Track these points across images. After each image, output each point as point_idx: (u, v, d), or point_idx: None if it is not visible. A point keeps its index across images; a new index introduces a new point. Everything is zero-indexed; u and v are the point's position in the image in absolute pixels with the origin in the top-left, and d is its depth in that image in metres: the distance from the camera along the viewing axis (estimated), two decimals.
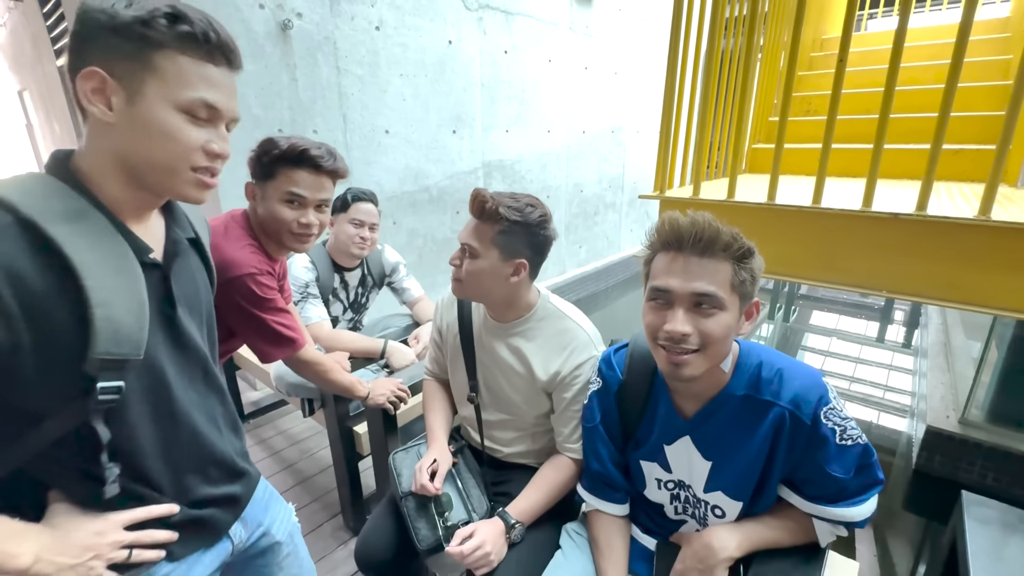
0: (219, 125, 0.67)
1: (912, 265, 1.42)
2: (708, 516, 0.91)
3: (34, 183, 0.62)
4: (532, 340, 1.11)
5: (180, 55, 0.61)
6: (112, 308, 0.61)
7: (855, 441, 0.78)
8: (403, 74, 3.10)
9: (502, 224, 1.01)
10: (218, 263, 1.06)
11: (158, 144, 0.63)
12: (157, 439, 0.71)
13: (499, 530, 1.01)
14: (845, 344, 4.96)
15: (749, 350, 0.86)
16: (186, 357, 0.75)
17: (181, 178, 0.65)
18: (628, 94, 5.15)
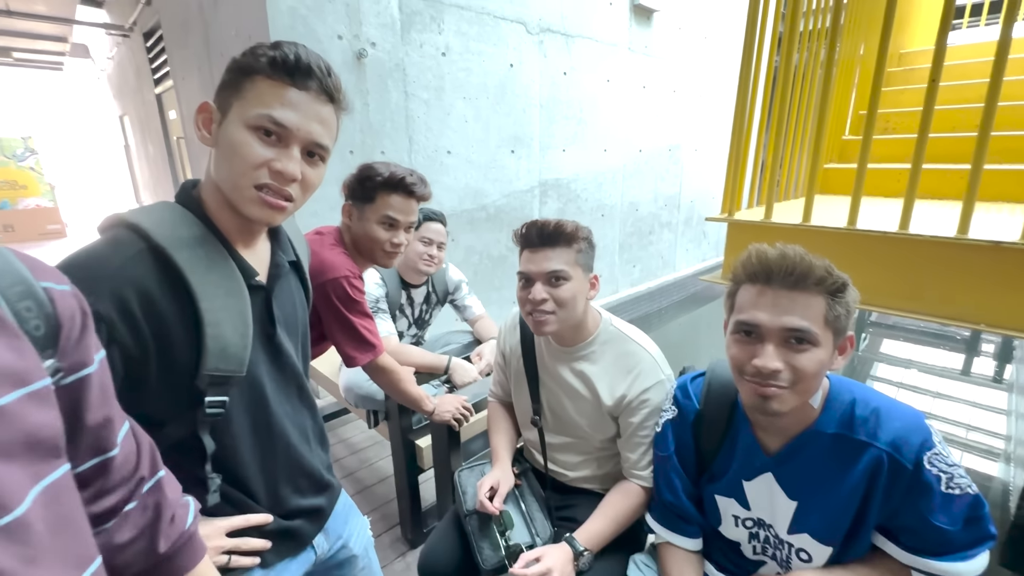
0: (290, 146, 0.67)
1: (1018, 299, 1.30)
2: (792, 559, 0.86)
3: (164, 212, 0.69)
4: (596, 363, 1.11)
5: (265, 79, 0.66)
6: (221, 328, 0.67)
7: (964, 491, 0.72)
8: (466, 97, 3.20)
9: (581, 243, 1.04)
10: (317, 266, 1.15)
11: (226, 159, 0.67)
12: (255, 451, 0.76)
13: (567, 556, 1.00)
14: (923, 376, 4.59)
15: (841, 386, 0.82)
16: (283, 374, 0.80)
17: (244, 195, 0.67)
18: (687, 112, 5.07)
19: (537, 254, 1.05)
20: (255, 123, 0.65)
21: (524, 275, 1.07)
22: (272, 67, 0.66)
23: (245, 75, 0.66)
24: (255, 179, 0.67)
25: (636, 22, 4.25)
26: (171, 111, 4.73)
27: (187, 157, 4.42)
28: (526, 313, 1.08)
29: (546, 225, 1.04)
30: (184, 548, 0.57)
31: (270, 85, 0.66)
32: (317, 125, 0.69)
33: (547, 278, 1.04)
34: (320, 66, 0.68)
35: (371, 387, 1.66)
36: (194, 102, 3.68)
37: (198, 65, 3.42)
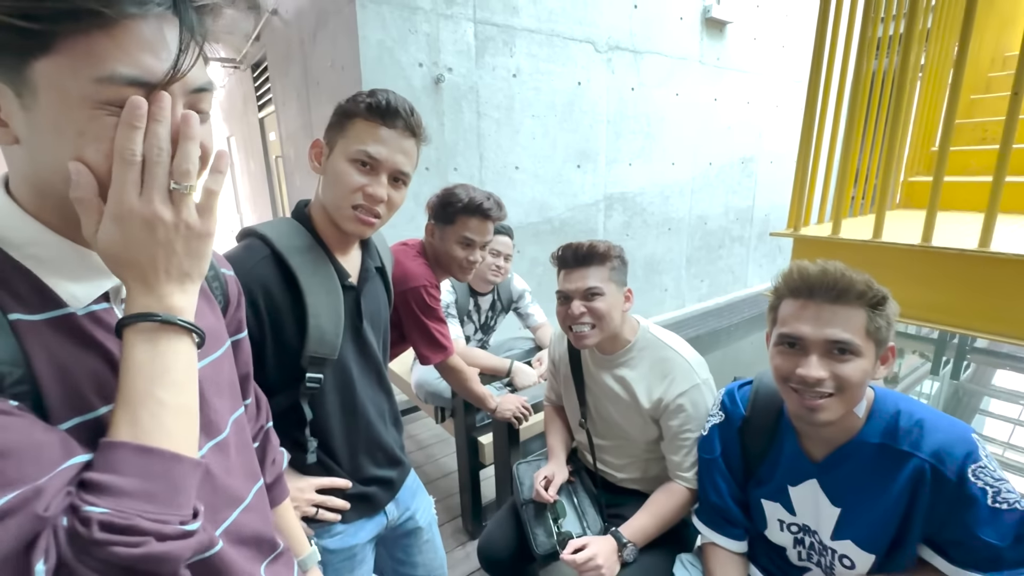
0: (380, 174, 0.82)
1: None
2: (835, 565, 0.88)
3: (283, 225, 0.88)
4: (635, 368, 1.18)
5: (362, 120, 0.83)
6: (321, 319, 0.84)
7: (1012, 505, 0.72)
8: (534, 115, 3.35)
9: (614, 261, 1.14)
10: (400, 274, 1.33)
11: (331, 186, 0.85)
12: (342, 423, 0.92)
13: (611, 547, 1.07)
14: None
15: (885, 397, 0.84)
16: (367, 362, 0.96)
17: (344, 214, 0.84)
18: (761, 123, 4.92)
19: (574, 273, 1.15)
20: (354, 156, 0.82)
21: (563, 293, 1.17)
22: (368, 111, 0.82)
23: (348, 118, 0.84)
24: (352, 201, 0.83)
25: (708, 35, 4.22)
26: (271, 133, 5.28)
27: (283, 175, 4.92)
28: (566, 328, 1.18)
29: (580, 247, 1.15)
30: (279, 483, 0.75)
31: (366, 125, 0.82)
32: (401, 156, 0.84)
33: (584, 294, 1.13)
34: (405, 108, 0.84)
35: (440, 384, 1.81)
36: (292, 125, 4.12)
37: (296, 93, 3.83)
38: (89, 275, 0.44)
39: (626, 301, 1.18)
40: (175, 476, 0.39)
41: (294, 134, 4.12)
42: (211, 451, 0.52)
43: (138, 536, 0.36)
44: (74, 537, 0.35)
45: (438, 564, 1.16)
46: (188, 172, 0.41)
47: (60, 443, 0.39)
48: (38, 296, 0.41)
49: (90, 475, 0.37)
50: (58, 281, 0.42)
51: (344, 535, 0.95)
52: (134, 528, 0.36)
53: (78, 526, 0.35)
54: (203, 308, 0.56)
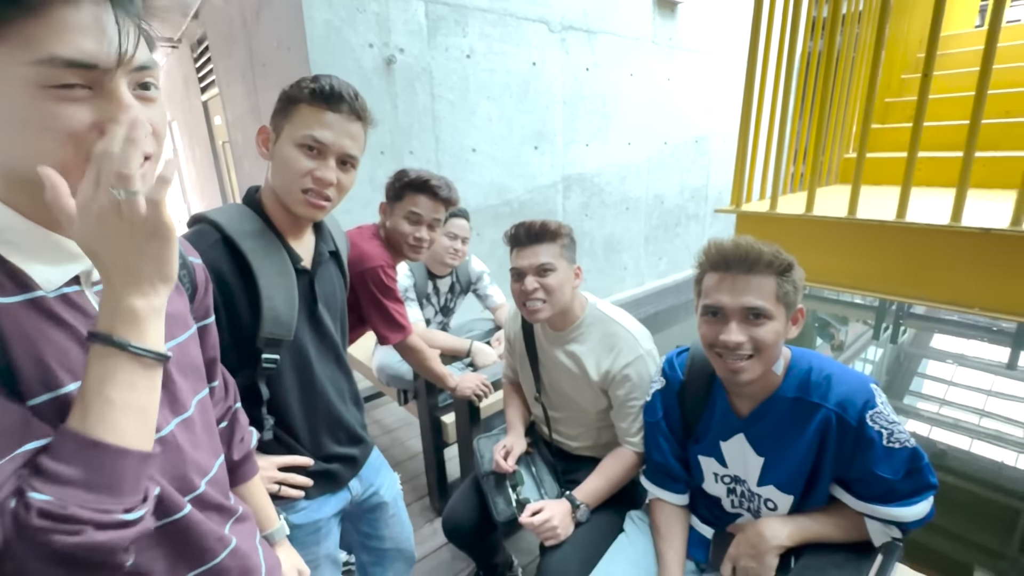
0: (327, 158, 0.84)
1: (1007, 281, 1.36)
2: (761, 509, 0.98)
3: (233, 211, 0.89)
4: (584, 343, 1.25)
5: (307, 106, 0.84)
6: (275, 301, 0.86)
7: (903, 444, 0.83)
8: (490, 96, 3.34)
9: (564, 239, 1.19)
10: (357, 256, 1.34)
11: (280, 171, 0.86)
12: (300, 403, 0.95)
13: (566, 509, 1.14)
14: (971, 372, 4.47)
15: (800, 356, 0.93)
16: (323, 342, 0.98)
17: (294, 198, 0.87)
18: (714, 103, 5.06)
19: (526, 250, 1.19)
20: (300, 141, 0.84)
21: (516, 270, 1.21)
22: (312, 96, 0.84)
23: (292, 103, 0.85)
24: (302, 185, 0.85)
25: (660, 15, 4.28)
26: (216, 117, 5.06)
27: (231, 160, 4.73)
28: (520, 304, 1.22)
29: (532, 225, 1.19)
30: (247, 460, 0.79)
31: (311, 111, 0.84)
32: (348, 140, 0.86)
33: (537, 270, 1.18)
34: (349, 92, 0.85)
35: (401, 367, 1.84)
36: (239, 109, 3.97)
37: (241, 74, 3.68)
38: (60, 259, 0.47)
39: (576, 278, 1.23)
40: (119, 469, 0.41)
41: (241, 118, 3.97)
42: (178, 427, 0.56)
43: (75, 524, 0.38)
44: (17, 521, 0.37)
45: (405, 537, 1.21)
46: (127, 178, 0.40)
47: (20, 427, 0.40)
48: (11, 280, 0.43)
49: (41, 461, 0.39)
50: (31, 265, 0.44)
51: (308, 510, 0.98)
52: (71, 517, 0.37)
53: (20, 511, 0.37)
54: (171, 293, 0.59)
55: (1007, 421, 3.61)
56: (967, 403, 3.91)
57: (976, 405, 3.85)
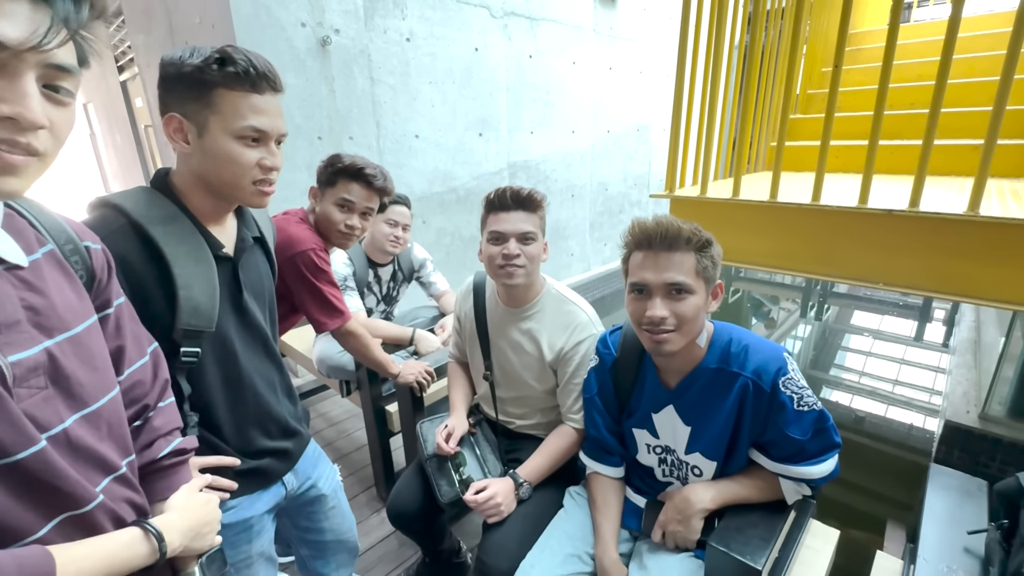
0: (269, 143, 0.81)
1: (906, 259, 1.49)
2: (689, 476, 1.04)
3: (140, 195, 0.82)
4: (540, 322, 1.27)
5: (230, 91, 0.76)
6: (192, 290, 0.81)
7: (811, 407, 0.90)
8: (432, 82, 3.28)
9: (542, 210, 1.20)
10: (285, 241, 1.27)
11: (223, 167, 0.80)
12: (225, 397, 0.90)
13: (509, 487, 1.16)
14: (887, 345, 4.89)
15: (722, 329, 0.98)
16: (250, 333, 0.93)
17: (245, 191, 0.83)
18: (654, 93, 5.20)
19: (512, 215, 1.18)
20: (240, 134, 0.78)
21: (497, 233, 1.17)
22: (232, 80, 0.76)
23: (207, 89, 0.76)
24: (252, 177, 0.81)
25: (601, 4, 4.33)
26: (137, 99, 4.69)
27: (156, 145, 4.41)
28: (497, 267, 1.19)
29: (520, 191, 1.19)
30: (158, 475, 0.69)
31: (238, 96, 0.77)
32: (279, 119, 0.82)
33: (521, 237, 1.18)
34: (269, 69, 0.79)
35: (342, 358, 1.79)
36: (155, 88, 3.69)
37: (162, 52, 3.42)
38: None
39: (543, 252, 1.25)
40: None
41: None
42: (78, 422, 0.53)
43: None
44: None
45: (346, 528, 1.18)
46: None
47: None
48: None
49: None
50: None
51: (239, 508, 0.94)
52: None
53: None
54: (60, 282, 0.55)
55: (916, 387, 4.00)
56: (883, 373, 4.28)
57: (890, 374, 4.23)
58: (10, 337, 0.48)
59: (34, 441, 0.47)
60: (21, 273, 0.51)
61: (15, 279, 0.50)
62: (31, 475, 0.48)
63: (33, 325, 0.50)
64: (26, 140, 0.43)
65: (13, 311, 0.49)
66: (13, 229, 0.53)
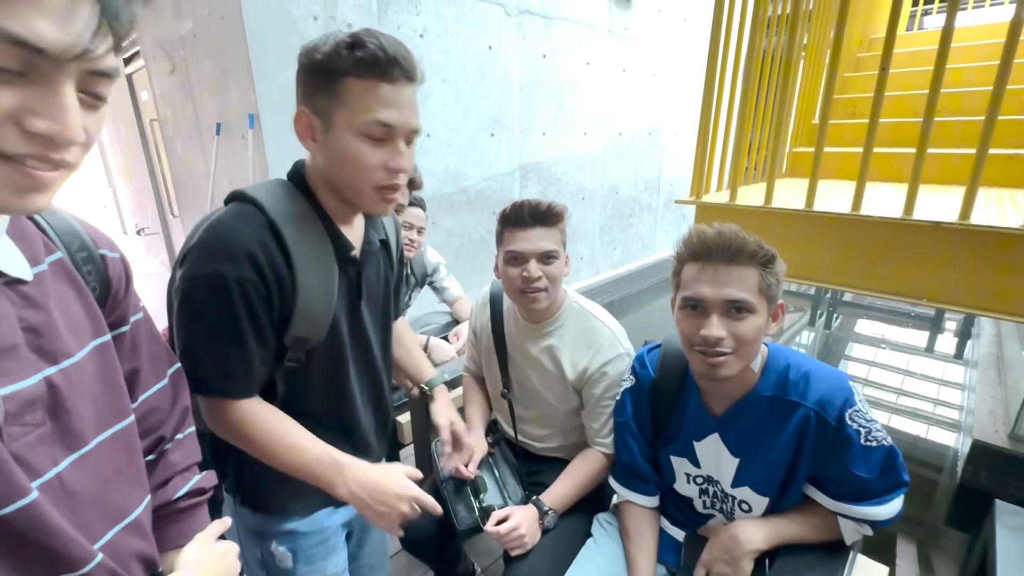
0: (397, 141, 0.71)
1: (954, 274, 1.40)
2: (735, 510, 0.95)
3: (277, 190, 0.75)
4: (562, 339, 1.17)
5: (357, 80, 0.67)
6: (310, 298, 0.75)
7: (880, 443, 0.81)
8: (444, 80, 3.20)
9: (563, 223, 1.10)
10: None
11: (346, 168, 0.72)
12: (321, 403, 0.83)
13: (533, 515, 1.07)
14: (893, 354, 4.81)
15: (777, 353, 0.90)
16: (360, 341, 0.86)
17: (365, 196, 0.73)
18: (666, 96, 5.12)
19: (531, 232, 1.07)
20: (364, 131, 0.69)
21: (517, 254, 1.08)
22: (360, 67, 0.67)
23: (334, 78, 0.68)
24: (375, 181, 0.72)
25: (616, 4, 4.25)
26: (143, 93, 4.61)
27: (161, 140, 4.34)
28: (518, 291, 1.10)
29: (539, 205, 1.08)
30: (171, 518, 0.60)
31: (365, 86, 0.67)
32: (411, 113, 0.72)
33: (542, 256, 1.08)
34: (402, 54, 0.69)
35: None
36: (167, 84, 3.61)
37: (169, 45, 3.35)
38: None
39: (566, 267, 1.15)
40: None
41: (170, 94, 3.62)
42: (77, 463, 0.44)
43: None
44: None
45: (381, 552, 1.11)
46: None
47: None
48: None
49: None
50: None
51: (316, 516, 0.88)
52: None
53: None
54: (67, 297, 0.46)
55: (924, 399, 3.90)
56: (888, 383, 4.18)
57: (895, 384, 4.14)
58: (5, 366, 0.39)
59: (23, 493, 0.38)
60: (23, 288, 0.42)
61: (15, 295, 0.42)
62: (16, 534, 0.39)
63: (33, 350, 0.42)
64: (59, 156, 0.37)
65: (10, 334, 0.40)
66: (20, 235, 0.44)
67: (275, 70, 2.44)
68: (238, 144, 2.67)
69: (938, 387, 4.14)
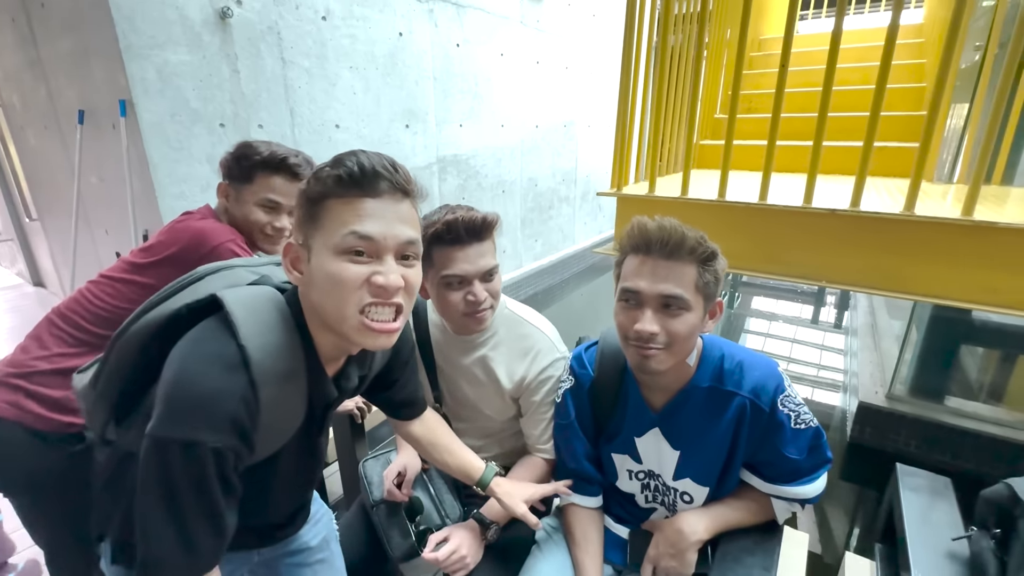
0: (383, 256, 0.62)
1: (848, 257, 1.53)
2: (677, 502, 0.96)
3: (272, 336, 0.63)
4: (495, 349, 1.10)
5: (336, 200, 0.61)
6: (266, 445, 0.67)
7: (807, 425, 0.85)
8: (353, 67, 3.00)
9: (494, 234, 1.01)
10: (195, 236, 1.08)
11: (326, 292, 0.62)
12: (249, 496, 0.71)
13: (474, 532, 1.01)
14: (783, 326, 5.31)
15: (712, 344, 0.91)
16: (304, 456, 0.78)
17: (350, 324, 0.62)
18: (579, 89, 5.22)
19: (469, 250, 0.96)
20: (342, 246, 0.60)
21: (459, 277, 0.96)
22: (340, 186, 0.61)
23: (317, 203, 0.62)
24: (359, 301, 0.62)
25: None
26: None
27: (8, 130, 3.68)
28: (459, 316, 1.00)
29: (474, 219, 0.96)
30: None
31: (343, 204, 0.61)
32: (401, 225, 0.63)
33: (485, 275, 0.99)
34: (385, 166, 0.62)
35: None
36: (12, 63, 3.05)
37: (11, 17, 2.82)
38: None
39: None
40: None
41: (17, 75, 3.07)
42: None
43: None
44: None
45: None
46: None
47: None
48: None
49: None
50: None
51: None
52: None
53: None
54: None
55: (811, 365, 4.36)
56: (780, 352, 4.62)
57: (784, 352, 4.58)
58: None
59: None
60: None
61: None
62: None
63: None
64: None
65: None
66: None
67: (149, 49, 2.13)
68: (108, 135, 2.32)
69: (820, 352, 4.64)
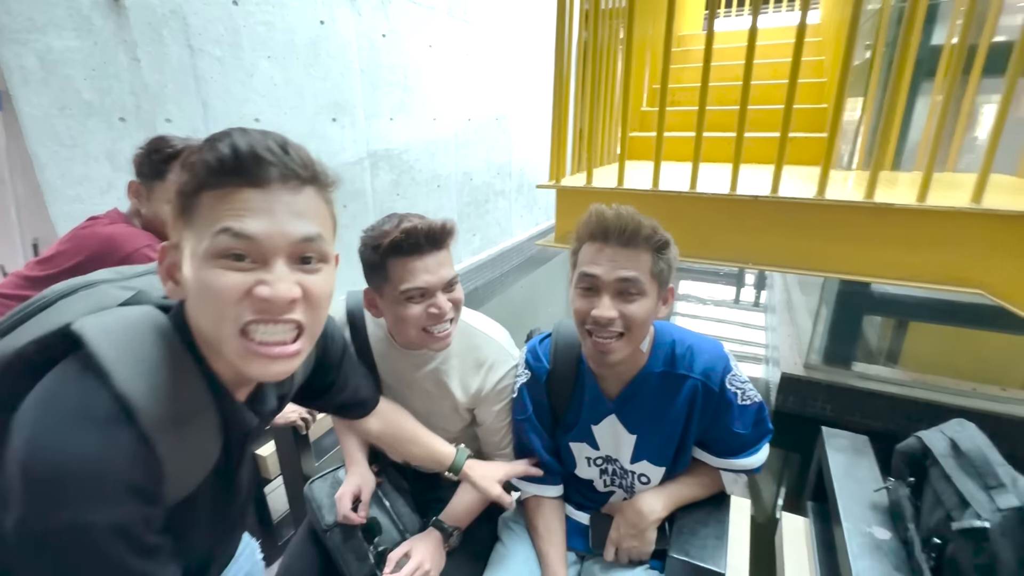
0: (270, 260, 0.49)
1: (770, 240, 1.65)
2: (635, 484, 0.99)
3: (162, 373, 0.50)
4: (446, 362, 1.04)
5: (209, 193, 0.48)
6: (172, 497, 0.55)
7: (752, 401, 0.91)
8: (271, 56, 2.81)
9: (450, 241, 0.95)
10: (104, 243, 0.99)
11: (199, 308, 0.50)
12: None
13: (436, 541, 0.98)
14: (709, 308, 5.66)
15: (662, 330, 0.94)
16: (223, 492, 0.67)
17: (231, 348, 0.49)
18: (509, 82, 5.22)
19: (428, 260, 0.89)
20: (214, 248, 0.47)
21: (422, 289, 0.89)
22: (212, 175, 0.48)
23: (192, 198, 0.49)
24: (238, 319, 0.49)
25: None
26: None
27: None
28: (420, 331, 0.92)
29: (432, 228, 0.89)
30: None
31: (216, 197, 0.48)
32: (294, 220, 0.50)
33: (447, 286, 0.93)
34: (268, 147, 0.49)
35: None
36: None
37: None
38: None
39: None
40: None
41: None
42: None
43: None
44: None
45: None
46: None
47: None
48: None
49: None
50: None
51: None
52: None
53: None
54: None
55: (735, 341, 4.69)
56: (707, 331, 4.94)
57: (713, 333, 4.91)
58: None
59: None
60: None
61: None
62: None
63: None
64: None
65: None
66: None
67: (28, 33, 1.88)
68: None
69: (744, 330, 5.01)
